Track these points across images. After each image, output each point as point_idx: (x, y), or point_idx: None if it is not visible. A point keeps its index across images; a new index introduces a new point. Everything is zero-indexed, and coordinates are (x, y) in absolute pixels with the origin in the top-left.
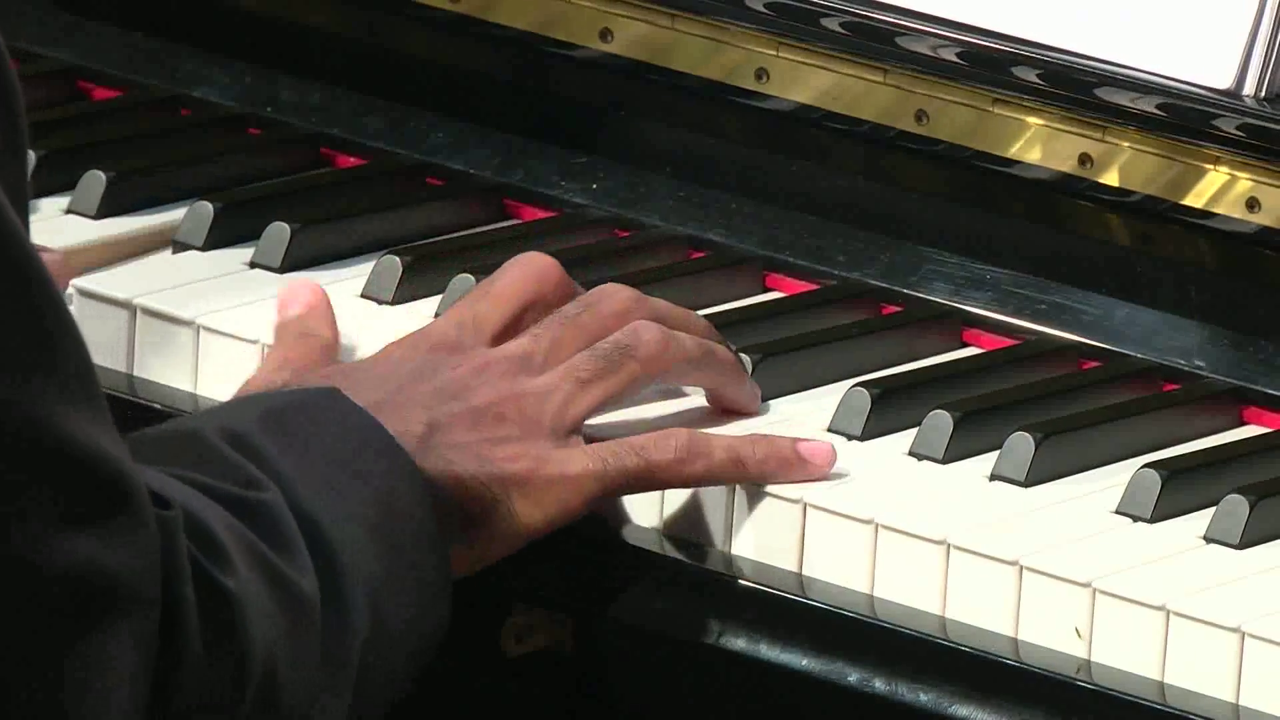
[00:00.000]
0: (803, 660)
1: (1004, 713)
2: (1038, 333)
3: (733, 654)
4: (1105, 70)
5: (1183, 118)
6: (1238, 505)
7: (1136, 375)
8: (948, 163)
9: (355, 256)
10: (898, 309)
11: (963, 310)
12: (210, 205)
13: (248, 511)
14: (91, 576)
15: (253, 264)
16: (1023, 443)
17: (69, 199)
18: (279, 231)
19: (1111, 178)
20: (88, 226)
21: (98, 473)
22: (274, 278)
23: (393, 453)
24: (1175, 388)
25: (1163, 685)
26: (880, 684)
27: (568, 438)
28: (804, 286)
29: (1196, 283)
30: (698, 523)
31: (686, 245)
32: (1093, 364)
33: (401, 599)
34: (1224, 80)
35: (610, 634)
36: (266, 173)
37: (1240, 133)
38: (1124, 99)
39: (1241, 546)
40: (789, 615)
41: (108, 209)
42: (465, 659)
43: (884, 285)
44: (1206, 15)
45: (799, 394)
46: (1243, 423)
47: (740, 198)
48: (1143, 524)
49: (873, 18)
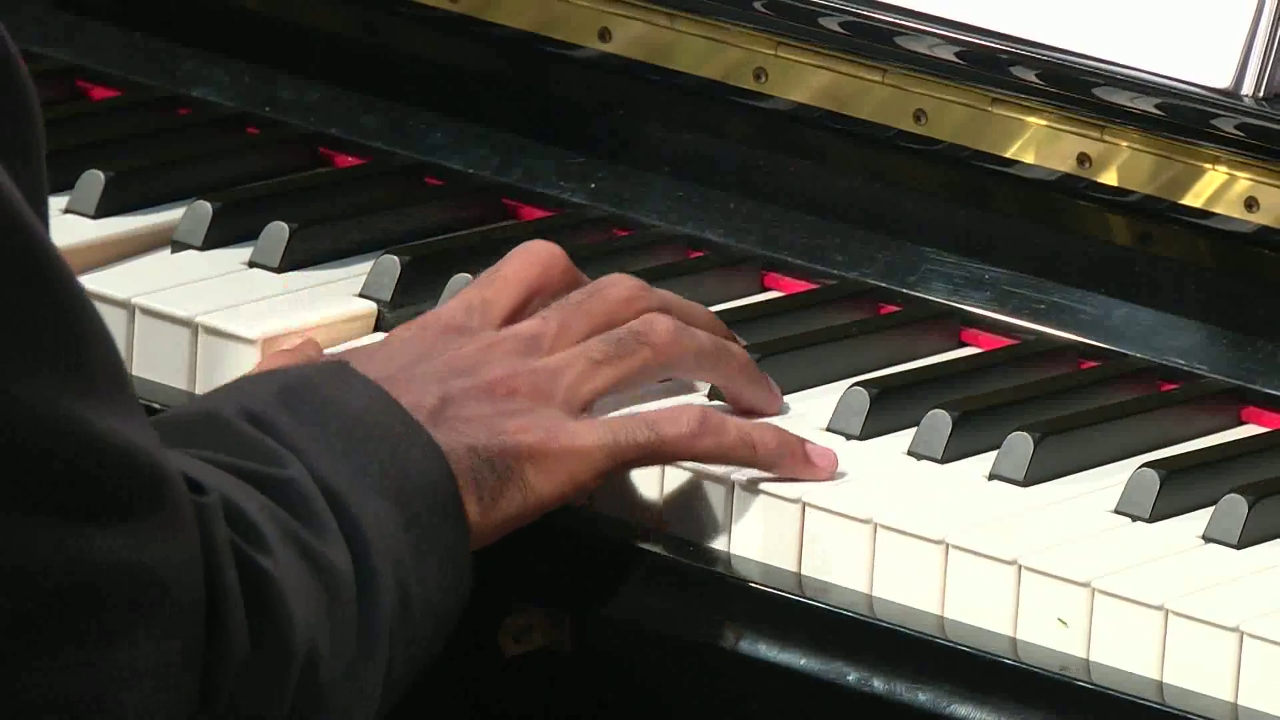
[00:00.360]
0: (801, 660)
1: (1002, 712)
2: (1036, 332)
3: (731, 653)
4: (1104, 70)
5: (1181, 117)
6: (1236, 505)
7: (1135, 375)
8: (946, 162)
9: (354, 256)
10: (896, 309)
11: (961, 310)
12: (209, 205)
13: (275, 488)
14: (129, 574)
15: (251, 263)
16: (1021, 442)
17: (68, 199)
18: (278, 231)
19: (1110, 177)
20: (86, 226)
21: (130, 468)
22: (273, 277)
23: (407, 424)
24: (1174, 387)
25: (1161, 685)
26: (879, 683)
27: (579, 414)
28: (802, 286)
29: (1195, 282)
30: (697, 522)
31: (685, 245)
32: (1091, 364)
33: (424, 570)
34: (1223, 80)
35: (608, 633)
36: (265, 172)
37: (1239, 132)
38: (1123, 99)
39: (1240, 546)
40: (787, 615)
41: (106, 208)
42: (463, 658)
43: (883, 285)
44: (1205, 15)
45: (798, 393)
46: (1241, 422)
47: (739, 197)
48: (1141, 523)
49: (871, 17)
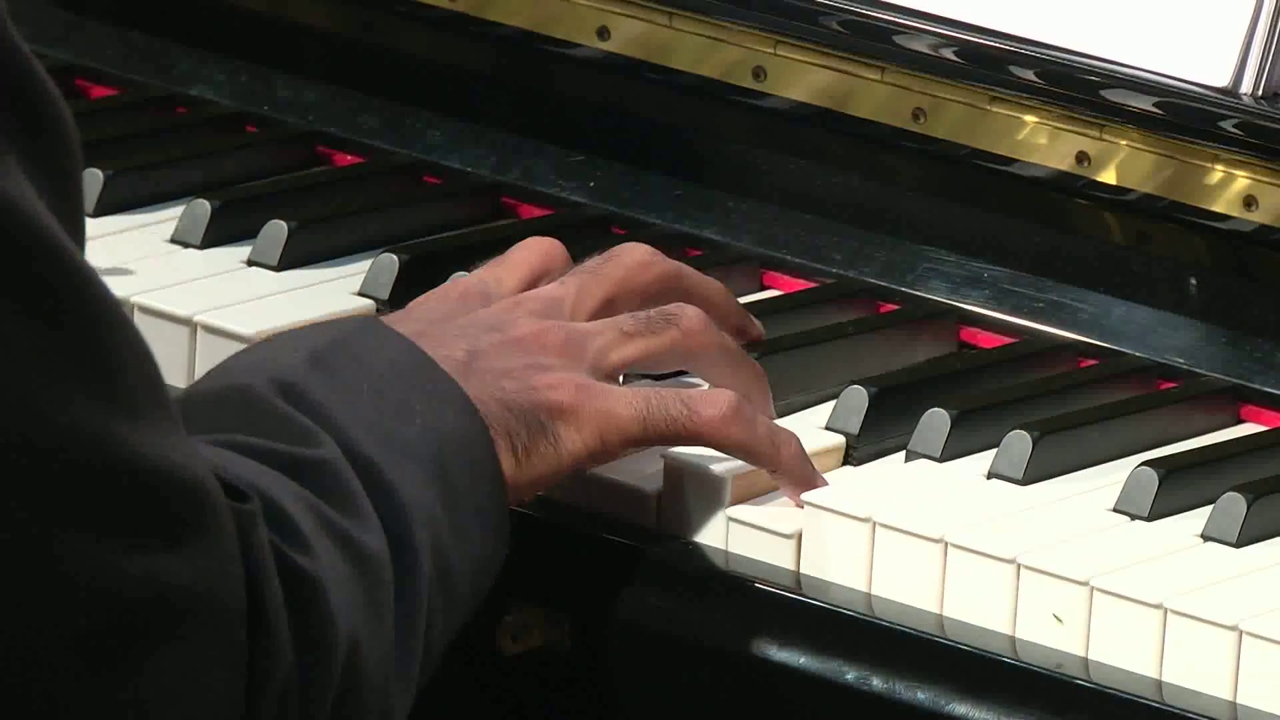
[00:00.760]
0: (800, 658)
1: (1001, 711)
2: (1035, 331)
3: (730, 652)
4: (1103, 69)
5: (1180, 116)
6: (1235, 503)
7: (1134, 373)
8: (945, 161)
9: (352, 255)
10: (895, 307)
11: (960, 308)
12: (207, 203)
13: (309, 471)
14: (172, 594)
15: (250, 262)
16: (1020, 441)
17: None
18: (276, 230)
19: (1109, 176)
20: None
21: (169, 487)
22: (271, 276)
23: (440, 380)
24: (1173, 386)
25: (1160, 683)
26: (878, 682)
27: (606, 381)
28: (801, 285)
29: (1194, 281)
30: (695, 521)
31: (684, 243)
32: (1090, 362)
33: (461, 533)
34: (1221, 78)
35: (607, 633)
36: (263, 171)
37: (1238, 131)
38: (1122, 97)
39: (1239, 545)
40: (786, 613)
41: (105, 207)
42: (462, 657)
43: (881, 284)
44: (1204, 14)
45: (796, 393)
46: (1240, 421)
47: (737, 196)
48: (1140, 522)
49: (870, 16)
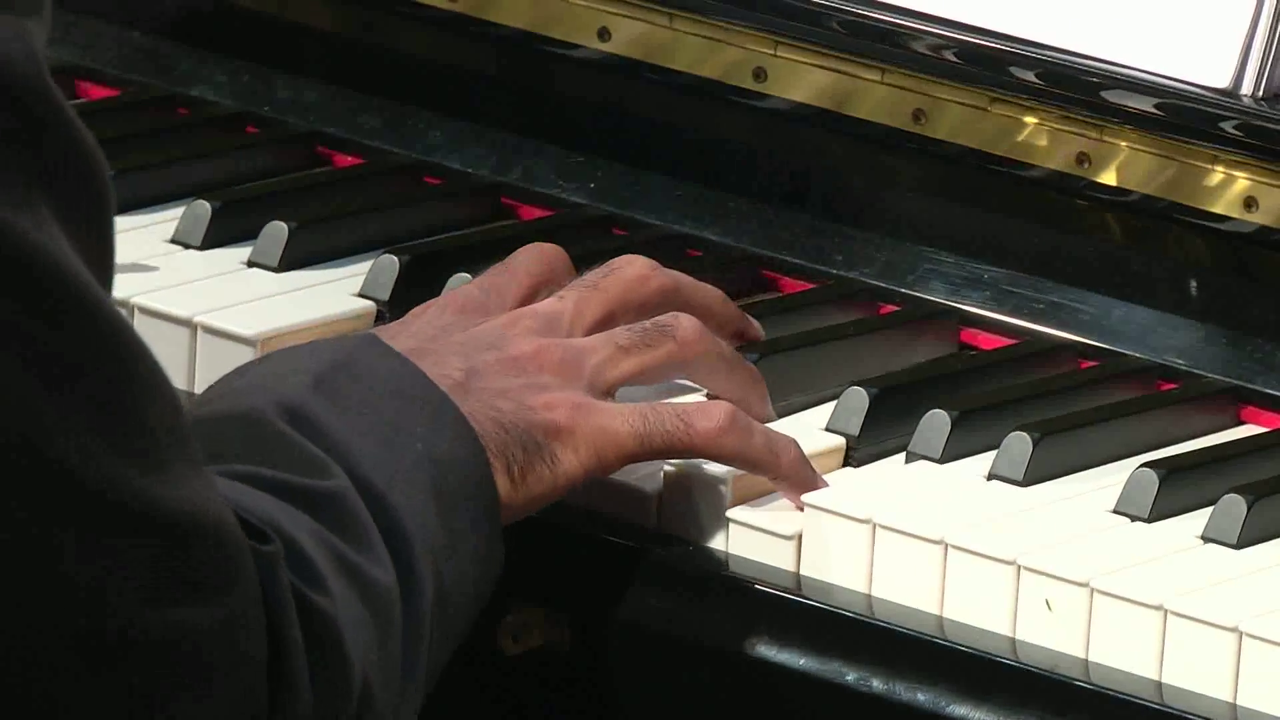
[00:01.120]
0: (800, 659)
1: (1001, 712)
2: (1035, 332)
3: (730, 653)
4: (1103, 69)
5: (1180, 117)
6: (1235, 505)
7: (1134, 374)
8: (945, 162)
9: (353, 255)
10: (895, 308)
11: (960, 309)
12: (207, 204)
13: (321, 505)
14: (192, 642)
15: (250, 263)
16: (1020, 442)
17: None
18: (277, 230)
19: (1109, 177)
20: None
21: (193, 535)
22: (272, 276)
23: (438, 401)
24: (1173, 387)
25: (1160, 685)
26: (878, 683)
27: (602, 398)
28: (801, 285)
29: (1194, 282)
30: (695, 521)
31: (684, 244)
32: (1090, 363)
33: (460, 554)
34: (1222, 79)
35: (607, 633)
36: (264, 172)
37: (1238, 132)
38: (1122, 98)
39: (1239, 546)
40: (786, 614)
41: None
42: (462, 657)
43: (881, 284)
44: (1204, 14)
45: (797, 393)
46: (1240, 422)
47: (738, 197)
48: (1140, 523)
49: (871, 17)
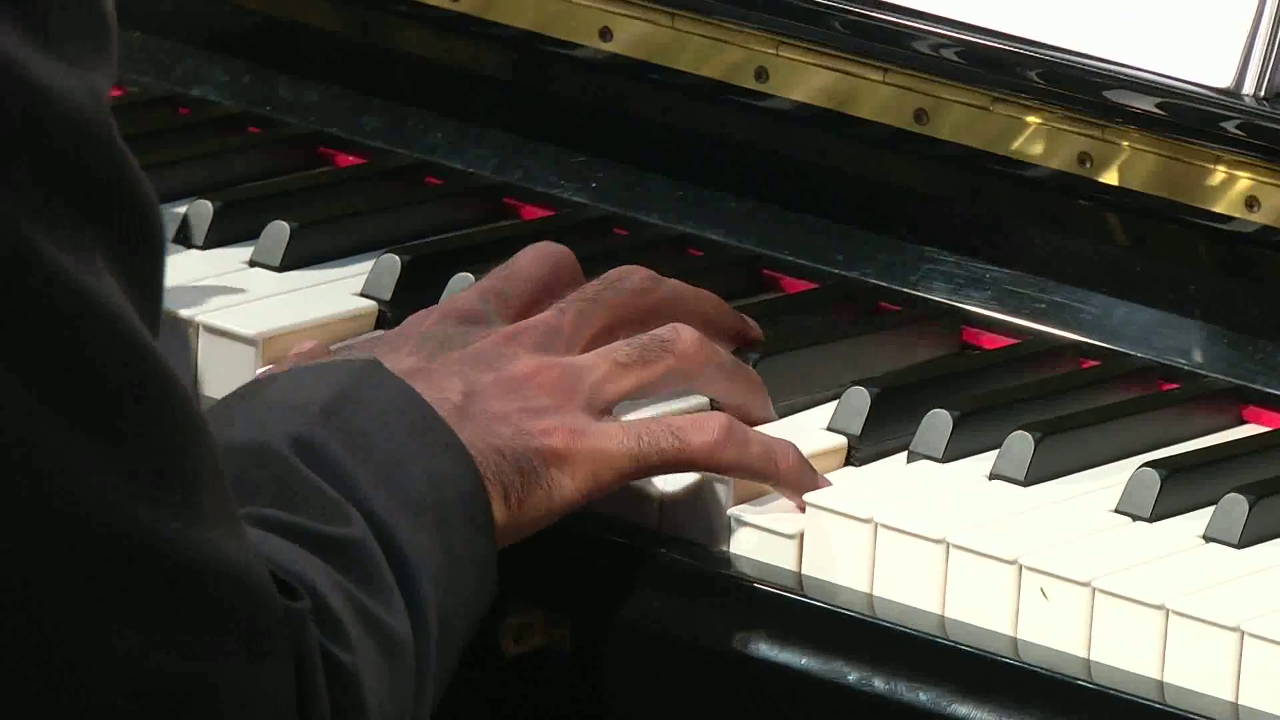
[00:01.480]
0: (801, 659)
1: (1003, 712)
2: (1037, 332)
3: (731, 653)
4: (1105, 69)
5: (1182, 117)
6: (1237, 504)
7: (1135, 374)
8: (947, 162)
9: (354, 255)
10: (896, 308)
11: (962, 309)
12: (209, 204)
13: (341, 553)
14: (222, 696)
15: (252, 263)
16: (1022, 442)
17: None
18: (278, 230)
19: (1111, 177)
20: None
21: (229, 591)
22: (273, 276)
23: (439, 431)
24: (1174, 387)
25: (1162, 684)
26: (879, 683)
27: (600, 416)
28: (803, 286)
29: (1196, 282)
30: (696, 522)
31: (685, 243)
32: (1092, 363)
33: (458, 583)
34: (1223, 79)
35: (608, 634)
36: (265, 172)
37: (1240, 132)
38: (1124, 98)
39: (1241, 545)
40: (788, 614)
41: None
42: (462, 658)
43: (883, 284)
44: (1206, 14)
45: (798, 393)
46: (1242, 422)
47: (739, 196)
48: (1142, 523)
49: (873, 17)
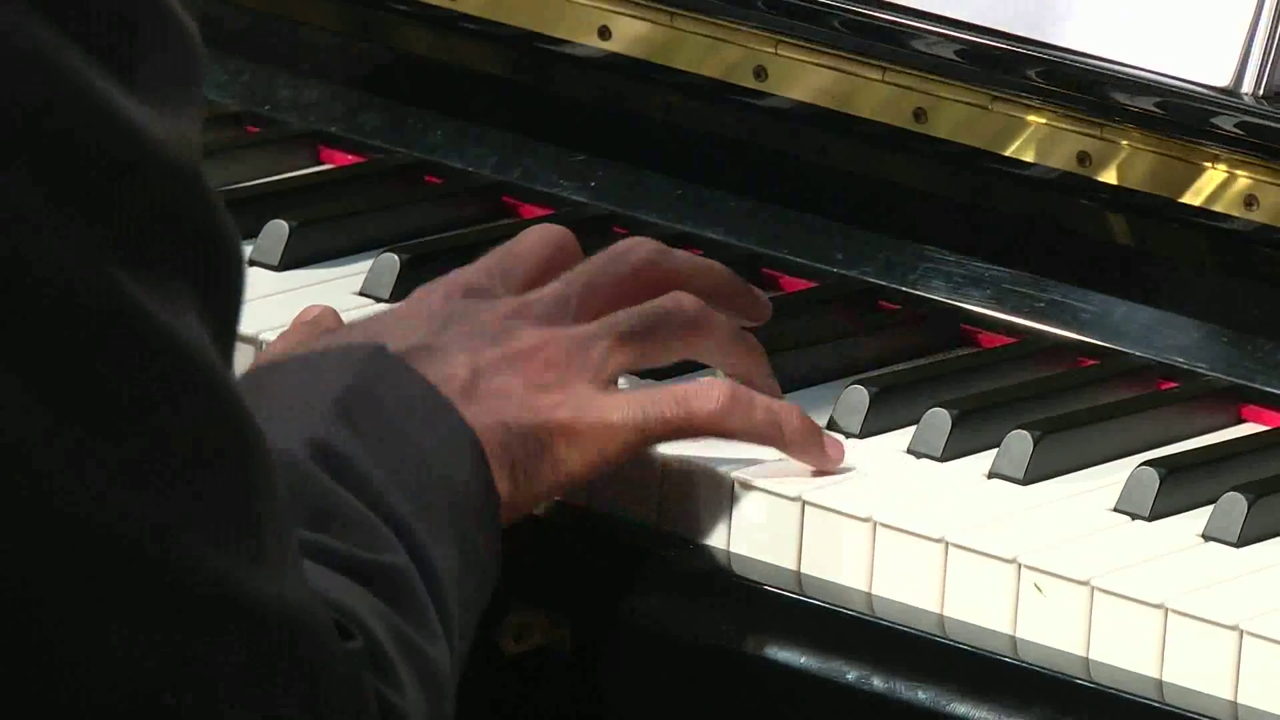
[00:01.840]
0: (800, 658)
1: (1002, 711)
2: (1036, 331)
3: (730, 652)
4: (1104, 68)
5: (1181, 116)
6: (1236, 503)
7: (1134, 373)
8: (946, 160)
9: (353, 255)
10: (896, 307)
11: (961, 308)
12: None
13: (384, 582)
14: None
15: (251, 262)
16: (1021, 441)
17: None
18: (277, 229)
19: (1110, 176)
20: None
21: (289, 634)
22: (273, 275)
23: (447, 416)
24: (1173, 386)
25: (1161, 683)
26: (878, 682)
27: (605, 388)
28: (802, 284)
29: (1195, 281)
30: (695, 521)
31: (684, 243)
32: (1091, 362)
33: (470, 571)
34: (1222, 78)
35: (608, 633)
36: (264, 171)
37: (1239, 131)
38: (1123, 97)
39: (1240, 544)
40: (787, 613)
41: None
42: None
43: (882, 283)
44: (1205, 13)
45: (797, 391)
46: (1241, 421)
47: (738, 195)
48: (1141, 522)
49: (872, 16)
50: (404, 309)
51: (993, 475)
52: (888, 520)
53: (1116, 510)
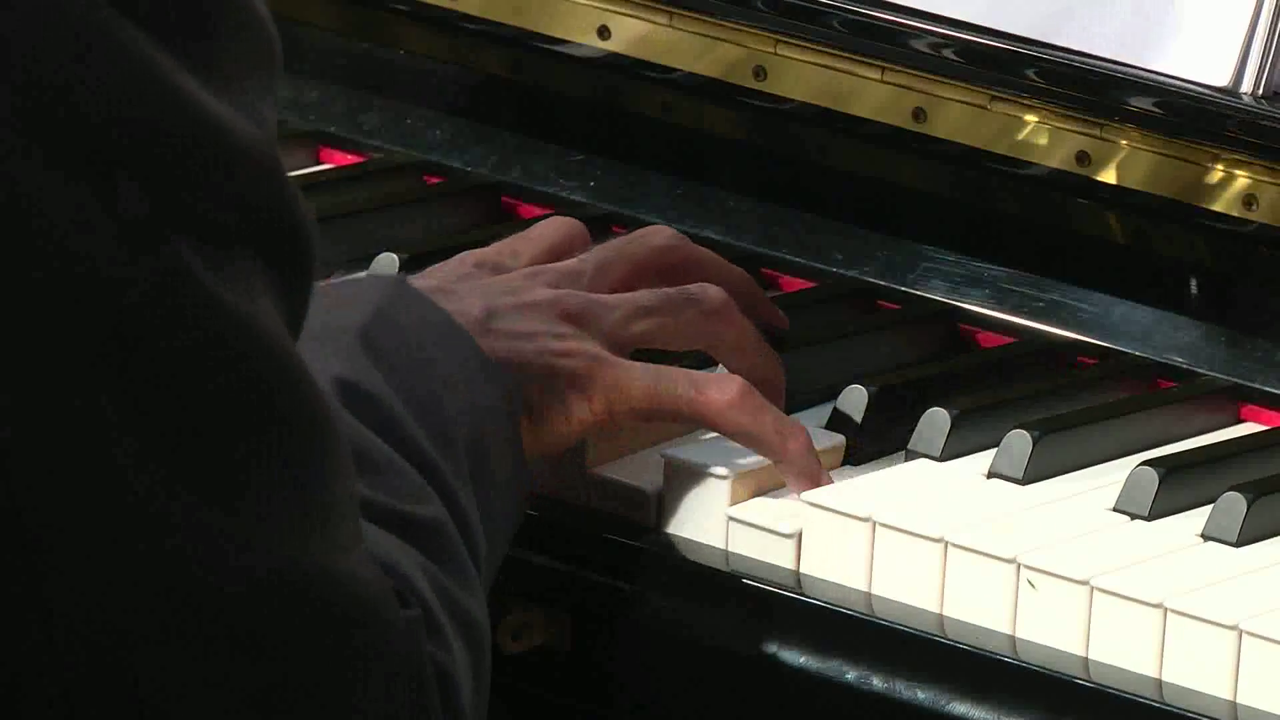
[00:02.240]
0: (800, 658)
1: (1001, 710)
2: (1035, 330)
3: (730, 652)
4: (1103, 68)
5: (1180, 115)
6: (1235, 503)
7: (1134, 373)
8: (945, 160)
9: (353, 254)
10: (895, 306)
11: (960, 308)
12: None
13: (427, 536)
14: (346, 713)
15: None
16: (1020, 440)
17: None
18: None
19: (1109, 175)
20: None
21: (355, 608)
22: None
23: (469, 349)
24: (1173, 385)
25: (1160, 683)
26: (878, 682)
27: (619, 353)
28: (801, 284)
29: (1194, 280)
30: (695, 520)
31: None
32: (1090, 362)
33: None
34: (1222, 78)
35: (607, 632)
36: None
37: (1238, 130)
38: (1122, 97)
39: (1239, 544)
40: (786, 613)
41: None
42: None
43: (881, 283)
44: (1204, 13)
45: (795, 392)
46: (1240, 420)
47: (737, 195)
48: (1140, 522)
49: (871, 15)
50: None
51: (992, 475)
52: (887, 520)
53: (1116, 510)
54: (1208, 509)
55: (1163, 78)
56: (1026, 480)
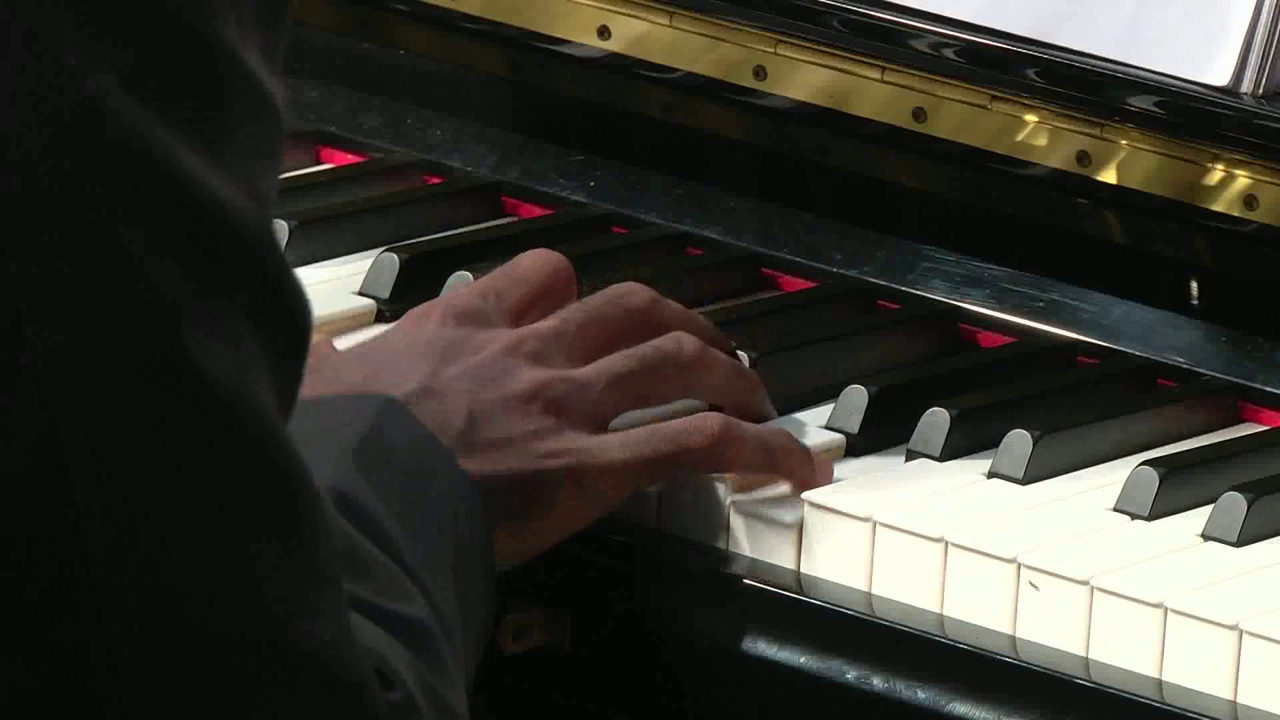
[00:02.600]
0: (800, 658)
1: (1002, 710)
2: (1035, 330)
3: (730, 652)
4: (1103, 68)
5: (1181, 115)
6: (1236, 503)
7: (1134, 373)
8: (945, 160)
9: (352, 254)
10: (895, 306)
11: (960, 308)
12: None
13: (412, 634)
14: None
15: None
16: (1020, 440)
17: None
18: (276, 229)
19: (1109, 175)
20: None
21: (339, 685)
22: None
23: (454, 476)
24: (1173, 385)
25: (1160, 683)
26: (878, 682)
27: (602, 429)
28: (801, 284)
29: (1194, 280)
30: (695, 521)
31: (684, 243)
32: (1090, 361)
33: (470, 625)
34: (1222, 78)
35: (608, 632)
36: None
37: (1238, 130)
38: (1122, 96)
39: (1239, 544)
40: (786, 613)
41: None
42: None
43: (881, 283)
44: (1205, 13)
45: (796, 392)
46: (1241, 420)
47: (737, 195)
48: (1140, 522)
49: (871, 15)
50: (400, 336)
51: (992, 475)
52: (887, 520)
53: (1116, 510)
54: (1208, 509)
55: (1163, 77)
56: (1026, 480)
